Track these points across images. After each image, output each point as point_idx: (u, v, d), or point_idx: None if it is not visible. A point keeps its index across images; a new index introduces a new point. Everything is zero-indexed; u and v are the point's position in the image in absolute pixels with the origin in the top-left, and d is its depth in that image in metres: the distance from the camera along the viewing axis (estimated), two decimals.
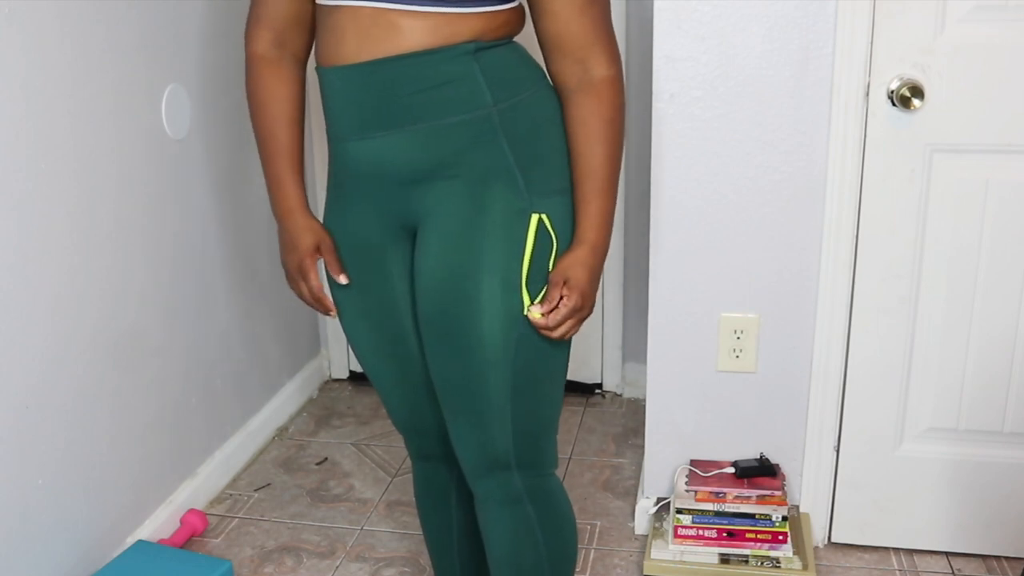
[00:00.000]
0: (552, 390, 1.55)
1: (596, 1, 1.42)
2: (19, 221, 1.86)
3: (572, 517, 1.65)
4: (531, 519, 1.57)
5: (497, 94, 1.41)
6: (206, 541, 2.39)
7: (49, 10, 1.89)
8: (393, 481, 2.63)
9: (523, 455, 1.53)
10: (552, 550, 1.60)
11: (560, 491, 1.62)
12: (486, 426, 1.50)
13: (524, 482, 1.55)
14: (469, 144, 1.42)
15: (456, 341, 1.47)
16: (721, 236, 2.15)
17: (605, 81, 1.45)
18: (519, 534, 1.58)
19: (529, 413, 1.51)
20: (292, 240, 1.59)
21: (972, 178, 2.02)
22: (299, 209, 1.58)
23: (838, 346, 2.16)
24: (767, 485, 2.19)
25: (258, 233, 2.74)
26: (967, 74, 1.95)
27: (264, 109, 1.54)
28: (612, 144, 1.47)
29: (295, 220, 1.58)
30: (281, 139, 1.55)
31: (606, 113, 1.45)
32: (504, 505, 1.57)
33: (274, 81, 1.54)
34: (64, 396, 2.01)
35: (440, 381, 1.51)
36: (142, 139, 2.20)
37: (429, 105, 1.40)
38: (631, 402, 3.03)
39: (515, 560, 1.60)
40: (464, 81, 1.39)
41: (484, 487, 1.56)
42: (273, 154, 1.56)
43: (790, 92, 2.03)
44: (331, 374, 3.24)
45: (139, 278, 2.22)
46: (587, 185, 1.47)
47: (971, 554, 2.24)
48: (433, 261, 1.46)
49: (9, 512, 1.88)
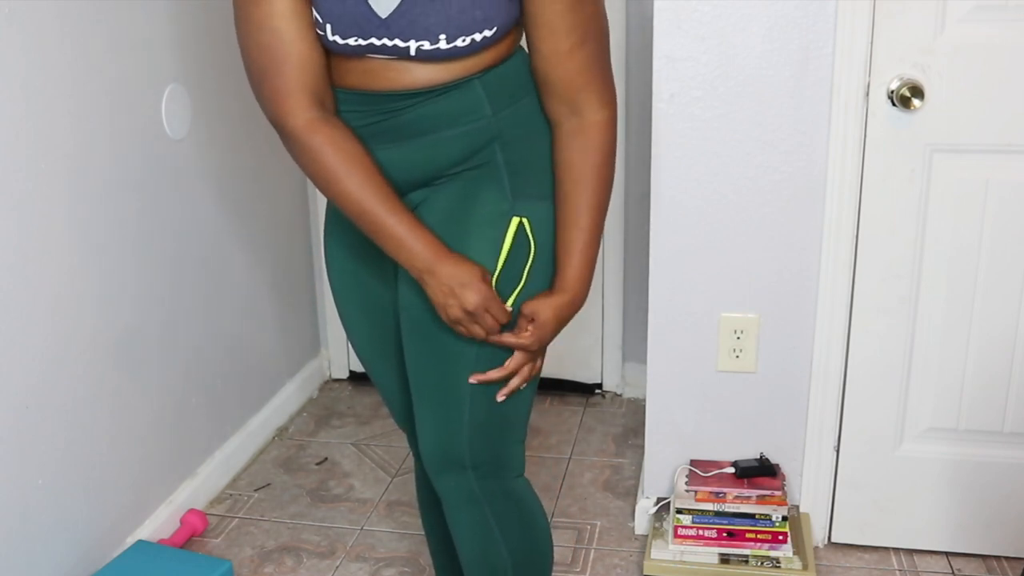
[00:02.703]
0: (521, 399, 1.53)
1: (587, 42, 1.37)
2: (19, 221, 1.86)
3: (539, 520, 1.63)
4: (489, 521, 1.55)
5: (496, 104, 1.41)
6: (206, 541, 2.39)
7: (49, 10, 1.89)
8: (393, 481, 2.63)
9: (480, 457, 1.51)
10: (516, 552, 1.58)
11: (525, 494, 1.60)
12: (445, 422, 1.50)
13: (480, 484, 1.53)
14: (468, 151, 1.43)
15: (425, 335, 1.47)
16: (721, 236, 2.15)
17: (595, 125, 1.43)
18: (478, 535, 1.57)
19: (491, 415, 1.49)
20: (460, 278, 1.41)
21: (972, 178, 2.02)
22: (446, 249, 1.43)
23: (838, 346, 2.16)
24: (767, 485, 2.19)
25: (258, 233, 2.74)
26: (967, 74, 1.95)
27: (354, 169, 1.38)
28: (599, 190, 1.46)
29: (451, 259, 1.42)
30: (389, 190, 1.40)
31: (594, 158, 1.44)
32: (461, 505, 1.56)
33: (342, 137, 1.39)
34: (64, 396, 2.01)
35: (410, 373, 1.53)
36: (142, 139, 2.20)
37: (433, 122, 1.41)
38: (631, 402, 3.03)
39: (479, 560, 1.60)
40: (467, 99, 1.40)
41: (442, 485, 1.56)
42: (391, 210, 1.39)
43: (790, 92, 2.03)
44: (331, 374, 3.24)
45: (139, 278, 2.22)
46: (572, 233, 1.47)
47: (971, 554, 2.24)
48: None
49: (9, 512, 1.88)
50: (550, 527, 1.66)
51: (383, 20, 1.33)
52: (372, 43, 1.35)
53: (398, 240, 1.39)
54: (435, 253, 1.40)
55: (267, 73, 1.36)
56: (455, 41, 1.33)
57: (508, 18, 1.37)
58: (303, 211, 3.03)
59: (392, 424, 2.85)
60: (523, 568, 1.61)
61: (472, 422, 1.49)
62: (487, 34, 1.35)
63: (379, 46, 1.35)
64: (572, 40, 1.36)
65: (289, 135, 1.39)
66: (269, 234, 2.81)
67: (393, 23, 1.33)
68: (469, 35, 1.34)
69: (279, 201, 2.87)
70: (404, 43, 1.34)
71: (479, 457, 1.52)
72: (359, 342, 1.66)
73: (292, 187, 2.95)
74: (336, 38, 1.36)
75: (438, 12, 1.31)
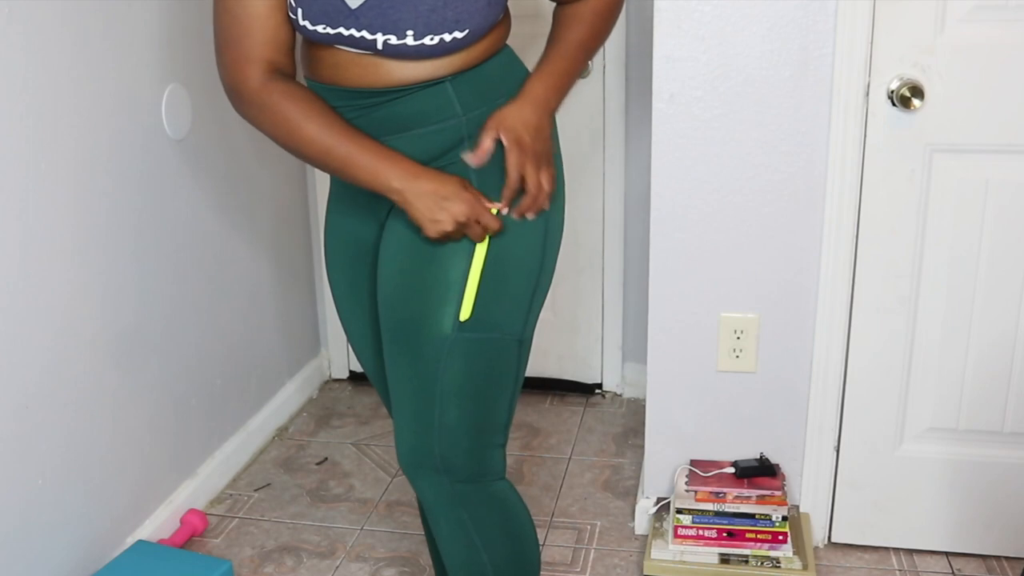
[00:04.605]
0: (495, 403, 1.51)
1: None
2: (19, 221, 1.86)
3: (525, 528, 1.61)
4: (466, 524, 1.54)
5: (467, 105, 1.42)
6: (206, 541, 2.39)
7: (49, 10, 1.89)
8: (393, 481, 2.63)
9: (453, 460, 1.50)
10: (495, 555, 1.57)
11: (507, 496, 1.58)
12: (416, 423, 1.49)
13: (456, 488, 1.52)
14: (441, 148, 1.44)
15: (401, 335, 1.47)
16: (721, 236, 2.15)
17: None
18: (458, 540, 1.56)
19: (462, 417, 1.48)
20: (442, 191, 1.40)
21: (972, 178, 2.02)
22: (420, 166, 1.42)
23: (838, 346, 2.16)
24: (767, 485, 2.19)
25: (258, 233, 2.74)
26: (967, 74, 1.95)
27: (312, 114, 1.39)
28: (594, 30, 1.49)
29: (428, 173, 1.41)
30: (350, 127, 1.41)
31: (599, 6, 1.49)
32: (439, 509, 1.55)
33: (297, 88, 1.41)
34: (64, 396, 2.01)
35: (388, 373, 1.53)
36: (142, 139, 2.20)
37: (403, 120, 1.42)
38: (631, 402, 3.03)
39: (461, 566, 1.58)
40: (437, 100, 1.41)
41: (418, 487, 1.55)
42: (356, 141, 1.39)
43: (790, 92, 2.03)
44: (331, 374, 3.24)
45: (139, 278, 2.22)
46: (551, 50, 1.49)
47: (971, 554, 2.24)
48: (389, 256, 1.49)
49: (9, 512, 1.88)
50: (537, 535, 1.64)
51: (352, 10, 1.34)
52: (340, 33, 1.36)
53: (370, 167, 1.39)
54: (410, 170, 1.39)
55: (231, 41, 1.40)
56: (423, 39, 1.34)
57: (483, 22, 1.37)
58: (303, 211, 3.03)
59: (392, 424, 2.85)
60: (505, 571, 1.58)
61: (443, 424, 1.47)
62: (457, 36, 1.35)
63: (347, 36, 1.36)
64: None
65: (247, 98, 1.41)
66: (269, 234, 2.81)
67: (362, 14, 1.33)
68: (438, 35, 1.34)
69: (279, 201, 2.87)
70: (371, 35, 1.35)
71: (452, 460, 1.49)
72: (356, 342, 1.67)
73: (292, 187, 2.95)
74: (306, 23, 1.38)
75: (407, 7, 1.32)
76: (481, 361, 1.46)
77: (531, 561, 1.63)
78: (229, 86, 1.43)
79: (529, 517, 1.62)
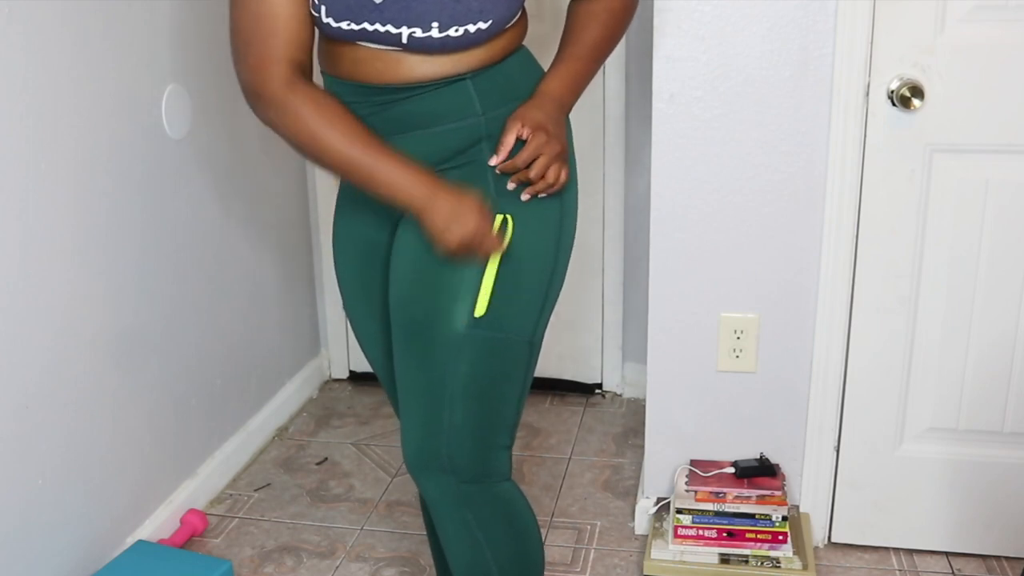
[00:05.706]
0: (503, 405, 1.51)
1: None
2: (19, 221, 1.86)
3: (530, 529, 1.61)
4: (471, 524, 1.54)
5: (487, 104, 1.42)
6: (206, 541, 2.39)
7: (50, 10, 1.89)
8: (393, 481, 2.63)
9: (460, 461, 1.49)
10: (500, 556, 1.57)
11: (512, 497, 1.58)
12: (424, 423, 1.49)
13: (462, 488, 1.52)
14: (458, 147, 1.44)
15: (412, 334, 1.47)
16: (721, 236, 2.15)
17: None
18: (463, 541, 1.56)
19: (471, 418, 1.48)
20: (459, 206, 1.40)
21: (972, 178, 2.02)
22: (441, 181, 1.41)
23: (838, 346, 2.16)
24: (767, 485, 2.19)
25: (258, 233, 2.74)
26: (967, 74, 1.95)
27: (335, 122, 1.38)
28: (609, 29, 1.50)
29: (447, 189, 1.41)
30: (373, 138, 1.39)
31: (615, 5, 1.50)
32: (445, 509, 1.55)
33: (320, 94, 1.39)
34: (64, 396, 2.01)
35: (396, 372, 1.53)
36: (142, 139, 2.20)
37: (422, 118, 1.42)
38: (631, 402, 3.03)
39: (466, 567, 1.58)
40: (457, 98, 1.41)
41: (424, 487, 1.55)
42: (379, 155, 1.39)
43: (790, 92, 2.03)
44: (331, 374, 3.24)
45: (139, 278, 2.22)
46: (567, 50, 1.50)
47: (971, 554, 2.24)
48: (403, 257, 1.49)
49: (9, 512, 1.88)
50: (541, 535, 1.64)
51: (377, 5, 1.34)
52: (364, 28, 1.36)
53: (392, 182, 1.38)
54: (431, 186, 1.38)
55: (254, 42, 1.37)
56: (448, 30, 1.34)
57: (507, 12, 1.37)
58: (303, 211, 3.03)
59: (392, 424, 2.85)
60: (510, 572, 1.59)
61: (451, 424, 1.47)
62: (482, 26, 1.35)
63: (371, 32, 1.35)
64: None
65: (268, 100, 1.38)
66: (269, 234, 2.81)
67: (387, 8, 1.33)
68: (463, 25, 1.34)
69: (279, 201, 2.87)
70: (396, 29, 1.34)
71: (459, 461, 1.50)
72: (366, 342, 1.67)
73: (292, 187, 2.95)
74: (330, 20, 1.37)
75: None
76: (491, 361, 1.46)
77: (535, 562, 1.63)
78: (250, 88, 1.40)
79: (534, 518, 1.63)
